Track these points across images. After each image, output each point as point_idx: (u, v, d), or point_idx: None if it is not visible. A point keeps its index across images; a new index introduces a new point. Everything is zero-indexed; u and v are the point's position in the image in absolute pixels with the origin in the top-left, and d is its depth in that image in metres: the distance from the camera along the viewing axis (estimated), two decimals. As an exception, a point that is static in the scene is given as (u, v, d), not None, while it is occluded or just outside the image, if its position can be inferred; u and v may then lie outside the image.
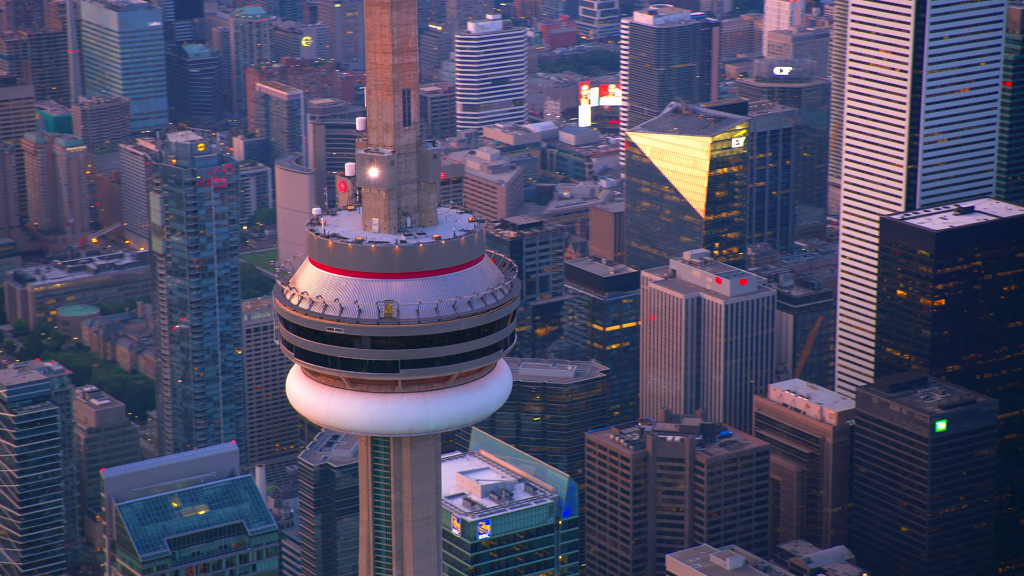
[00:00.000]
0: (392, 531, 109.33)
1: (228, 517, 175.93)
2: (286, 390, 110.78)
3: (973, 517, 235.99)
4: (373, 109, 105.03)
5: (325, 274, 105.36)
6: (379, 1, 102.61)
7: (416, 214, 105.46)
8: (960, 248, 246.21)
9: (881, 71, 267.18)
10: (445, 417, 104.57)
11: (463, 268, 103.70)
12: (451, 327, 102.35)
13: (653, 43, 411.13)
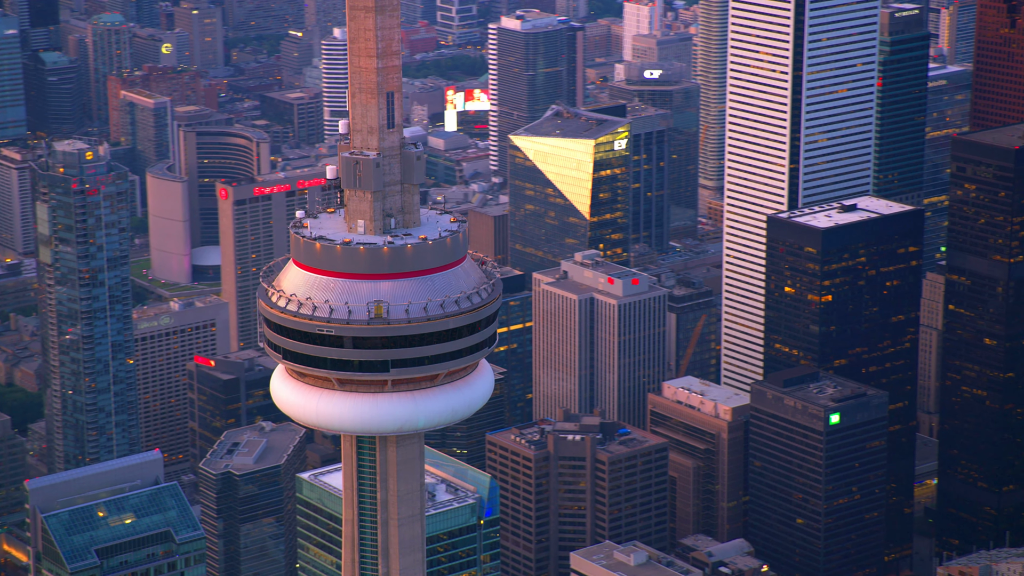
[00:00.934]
0: (378, 529, 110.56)
1: (155, 525, 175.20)
2: (271, 392, 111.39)
3: (865, 507, 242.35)
4: (357, 112, 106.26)
5: (312, 276, 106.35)
6: (363, 5, 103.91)
7: (400, 215, 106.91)
8: (845, 245, 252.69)
9: (762, 73, 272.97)
10: (434, 415, 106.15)
11: (448, 268, 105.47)
12: (440, 326, 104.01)
13: (521, 48, 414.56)
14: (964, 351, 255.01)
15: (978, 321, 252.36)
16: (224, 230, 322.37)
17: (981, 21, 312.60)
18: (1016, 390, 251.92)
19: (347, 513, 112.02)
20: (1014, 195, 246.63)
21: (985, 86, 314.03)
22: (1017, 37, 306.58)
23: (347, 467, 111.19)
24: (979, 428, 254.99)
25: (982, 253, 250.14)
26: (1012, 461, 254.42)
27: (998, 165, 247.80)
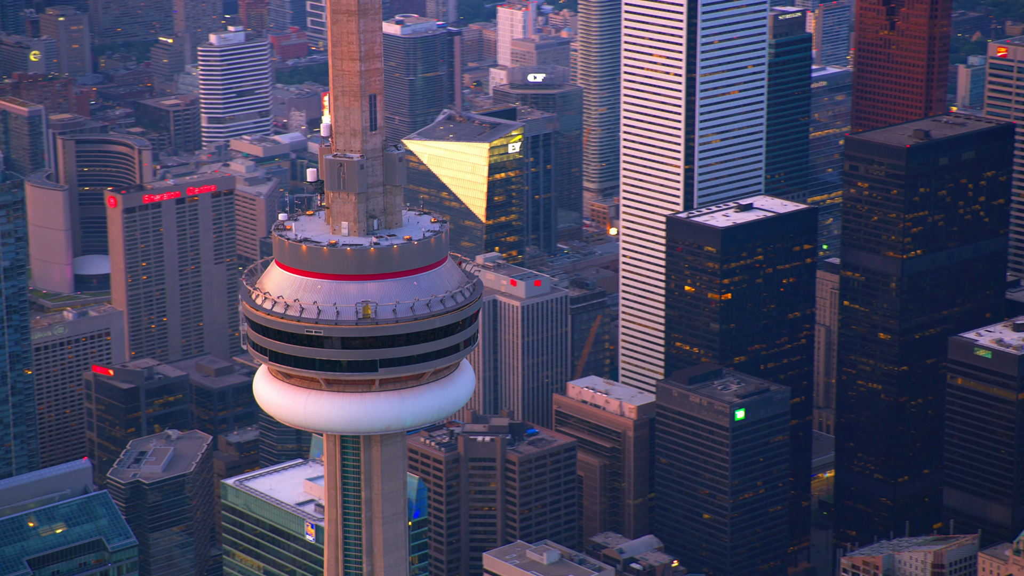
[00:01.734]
0: (362, 528, 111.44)
1: (87, 534, 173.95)
2: (255, 394, 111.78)
3: (770, 501, 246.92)
4: (340, 115, 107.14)
5: (298, 278, 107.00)
6: (346, 9, 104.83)
7: (383, 216, 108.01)
8: (743, 244, 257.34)
9: (656, 75, 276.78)
10: (421, 414, 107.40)
11: (432, 268, 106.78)
12: (427, 325, 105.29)
13: (402, 52, 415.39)
14: (859, 346, 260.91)
15: (872, 316, 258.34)
16: (113, 239, 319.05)
17: (861, 23, 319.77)
18: (910, 383, 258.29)
19: (331, 512, 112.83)
20: (906, 193, 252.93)
21: (866, 87, 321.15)
22: (896, 39, 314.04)
23: (330, 467, 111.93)
24: (874, 421, 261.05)
25: (875, 250, 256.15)
26: (906, 453, 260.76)
27: (890, 163, 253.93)
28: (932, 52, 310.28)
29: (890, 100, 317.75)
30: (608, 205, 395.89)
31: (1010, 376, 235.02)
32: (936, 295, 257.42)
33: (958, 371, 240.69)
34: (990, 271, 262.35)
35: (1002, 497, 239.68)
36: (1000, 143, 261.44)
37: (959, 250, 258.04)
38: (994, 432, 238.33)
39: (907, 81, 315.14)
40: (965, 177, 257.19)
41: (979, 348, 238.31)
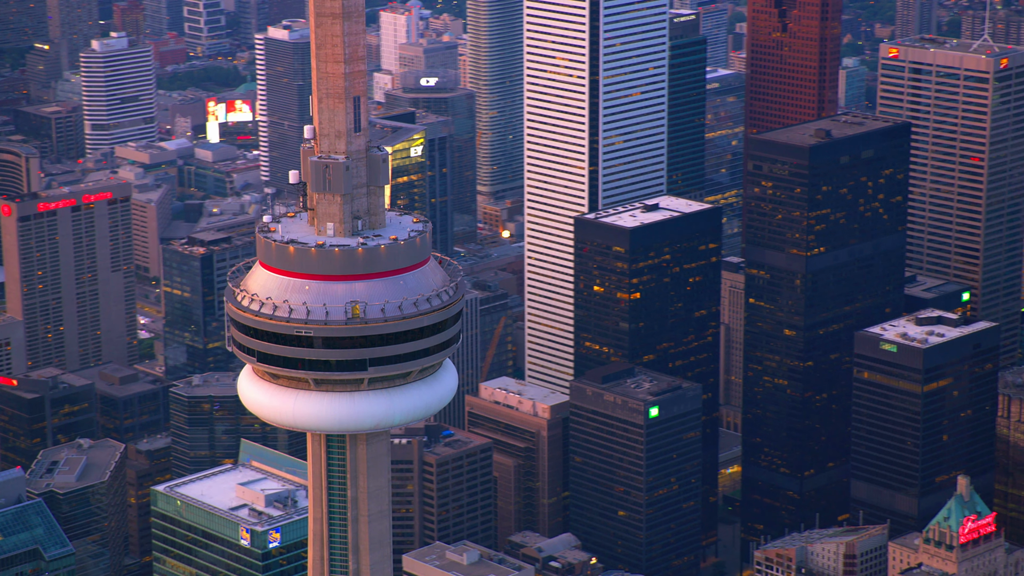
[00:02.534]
0: (348, 526, 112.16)
1: (23, 543, 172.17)
2: (240, 395, 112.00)
3: (683, 497, 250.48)
4: (324, 117, 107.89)
5: (285, 279, 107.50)
6: (330, 12, 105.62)
7: (367, 217, 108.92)
8: (651, 243, 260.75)
9: (559, 78, 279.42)
10: (409, 411, 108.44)
11: (418, 267, 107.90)
12: (415, 324, 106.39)
13: (290, 57, 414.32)
14: (765, 343, 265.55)
15: (777, 313, 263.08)
16: (8, 247, 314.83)
17: (753, 25, 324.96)
18: (815, 378, 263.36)
19: (315, 511, 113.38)
20: (809, 191, 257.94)
21: (759, 88, 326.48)
22: (788, 41, 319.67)
23: (314, 466, 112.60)
24: (780, 416, 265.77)
25: (780, 248, 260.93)
26: (812, 447, 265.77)
27: (793, 163, 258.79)
28: (823, 54, 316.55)
29: (783, 101, 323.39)
30: (501, 208, 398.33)
31: (915, 369, 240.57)
32: (839, 291, 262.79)
33: (864, 365, 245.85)
34: (889, 267, 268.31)
35: (908, 488, 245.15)
36: (897, 141, 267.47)
37: (860, 247, 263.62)
38: (900, 424, 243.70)
39: (799, 82, 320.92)
40: (865, 175, 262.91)
41: (884, 342, 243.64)
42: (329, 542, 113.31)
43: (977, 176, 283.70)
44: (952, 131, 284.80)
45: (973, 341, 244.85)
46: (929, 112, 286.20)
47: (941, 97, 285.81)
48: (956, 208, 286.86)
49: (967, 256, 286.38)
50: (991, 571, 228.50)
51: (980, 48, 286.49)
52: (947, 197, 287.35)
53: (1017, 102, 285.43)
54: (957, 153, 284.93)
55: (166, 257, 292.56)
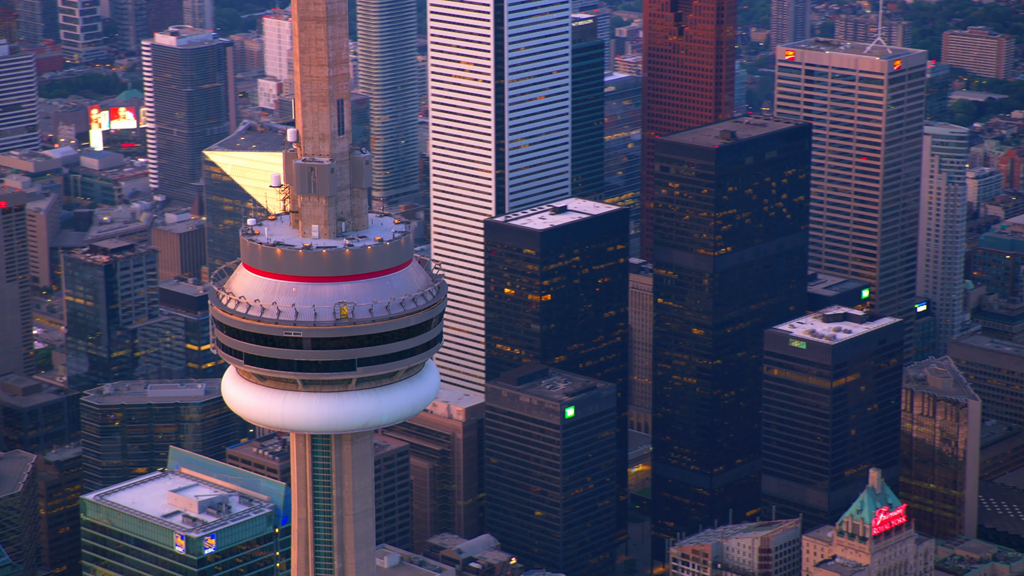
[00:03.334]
0: (333, 526, 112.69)
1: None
2: (225, 397, 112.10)
3: (598, 496, 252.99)
4: (308, 120, 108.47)
5: (272, 281, 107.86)
6: (314, 16, 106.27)
7: (350, 218, 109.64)
8: (561, 245, 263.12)
9: (464, 82, 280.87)
10: (396, 411, 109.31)
11: (402, 268, 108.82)
12: (402, 323, 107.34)
13: (178, 64, 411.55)
14: (673, 342, 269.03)
15: (686, 313, 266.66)
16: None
17: (650, 29, 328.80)
18: (724, 376, 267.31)
19: (300, 512, 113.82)
20: (716, 192, 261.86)
21: (656, 91, 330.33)
22: (685, 44, 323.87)
23: (299, 466, 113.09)
24: (690, 414, 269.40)
25: (688, 248, 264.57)
26: (722, 444, 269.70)
27: (700, 164, 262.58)
28: (719, 57, 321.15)
29: (680, 104, 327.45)
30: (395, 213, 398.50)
31: (824, 365, 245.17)
32: (745, 290, 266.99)
33: (774, 362, 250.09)
34: (793, 266, 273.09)
35: (819, 482, 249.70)
36: (799, 142, 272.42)
37: (765, 246, 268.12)
38: (810, 420, 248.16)
39: (696, 85, 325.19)
40: (769, 176, 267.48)
41: (794, 339, 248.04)
42: (314, 542, 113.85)
43: (873, 175, 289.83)
44: (848, 132, 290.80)
45: (878, 337, 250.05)
46: (825, 113, 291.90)
47: (837, 98, 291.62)
48: (853, 207, 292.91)
49: (864, 254, 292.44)
50: (902, 561, 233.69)
51: (874, 50, 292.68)
52: (844, 196, 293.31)
53: (911, 103, 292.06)
54: (853, 153, 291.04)
55: (67, 266, 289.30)
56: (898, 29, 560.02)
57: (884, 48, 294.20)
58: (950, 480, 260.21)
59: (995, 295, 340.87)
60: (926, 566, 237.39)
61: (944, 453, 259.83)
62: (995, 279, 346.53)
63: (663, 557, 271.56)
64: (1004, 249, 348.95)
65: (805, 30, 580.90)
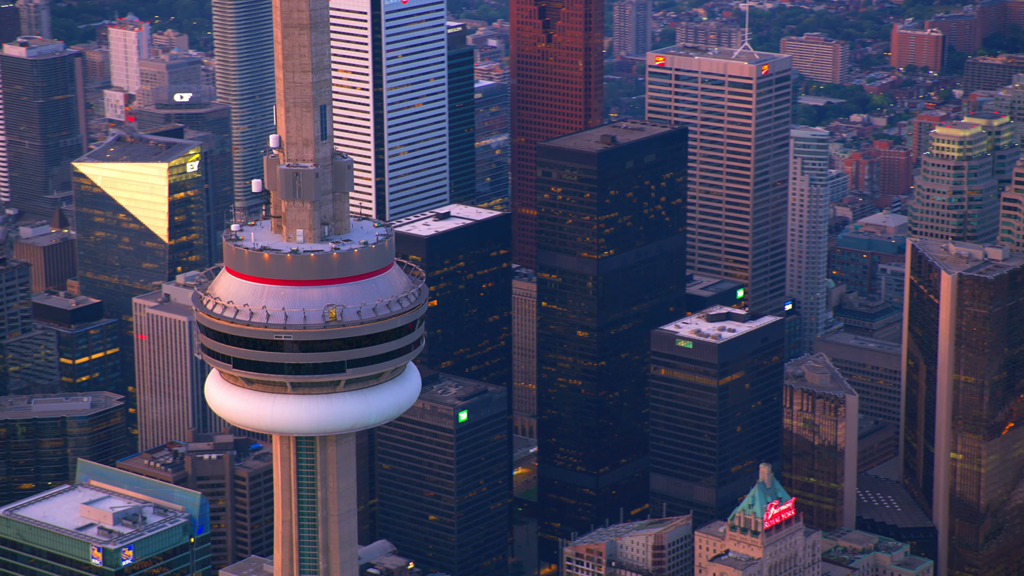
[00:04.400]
0: (318, 526, 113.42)
1: None
2: (210, 402, 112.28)
3: (491, 498, 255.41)
4: (292, 125, 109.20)
5: (259, 285, 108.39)
6: (298, 23, 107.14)
7: (333, 223, 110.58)
8: (447, 251, 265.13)
9: (342, 90, 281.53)
10: (384, 411, 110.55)
11: (386, 270, 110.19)
12: (390, 325, 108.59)
13: (28, 75, 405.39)
14: (558, 345, 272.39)
15: (570, 315, 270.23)
16: None
17: (519, 36, 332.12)
18: (608, 377, 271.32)
19: (284, 514, 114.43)
20: (599, 195, 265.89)
21: (525, 98, 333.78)
22: (554, 51, 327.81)
23: (283, 469, 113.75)
24: (575, 416, 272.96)
25: (571, 251, 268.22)
26: (607, 444, 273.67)
27: (582, 168, 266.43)
28: (588, 63, 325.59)
29: (550, 110, 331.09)
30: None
31: (711, 364, 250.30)
32: (628, 292, 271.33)
33: (661, 362, 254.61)
34: (672, 267, 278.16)
35: (707, 479, 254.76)
36: (676, 146, 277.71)
37: (645, 248, 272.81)
38: (697, 418, 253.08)
39: (566, 92, 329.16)
40: (648, 179, 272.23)
41: (680, 339, 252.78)
42: (299, 543, 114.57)
43: (744, 178, 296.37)
44: (719, 135, 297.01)
45: (761, 335, 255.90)
46: (696, 117, 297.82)
47: (707, 103, 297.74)
48: (725, 209, 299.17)
49: (737, 255, 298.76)
50: (792, 554, 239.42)
51: (742, 55, 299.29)
52: (716, 199, 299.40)
53: (778, 106, 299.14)
54: (724, 156, 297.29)
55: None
56: (737, 36, 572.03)
57: (751, 53, 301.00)
58: (829, 473, 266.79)
59: (855, 293, 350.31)
60: (814, 558, 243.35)
61: (823, 447, 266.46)
62: (854, 278, 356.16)
63: (550, 558, 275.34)
64: (861, 248, 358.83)
65: (647, 37, 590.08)
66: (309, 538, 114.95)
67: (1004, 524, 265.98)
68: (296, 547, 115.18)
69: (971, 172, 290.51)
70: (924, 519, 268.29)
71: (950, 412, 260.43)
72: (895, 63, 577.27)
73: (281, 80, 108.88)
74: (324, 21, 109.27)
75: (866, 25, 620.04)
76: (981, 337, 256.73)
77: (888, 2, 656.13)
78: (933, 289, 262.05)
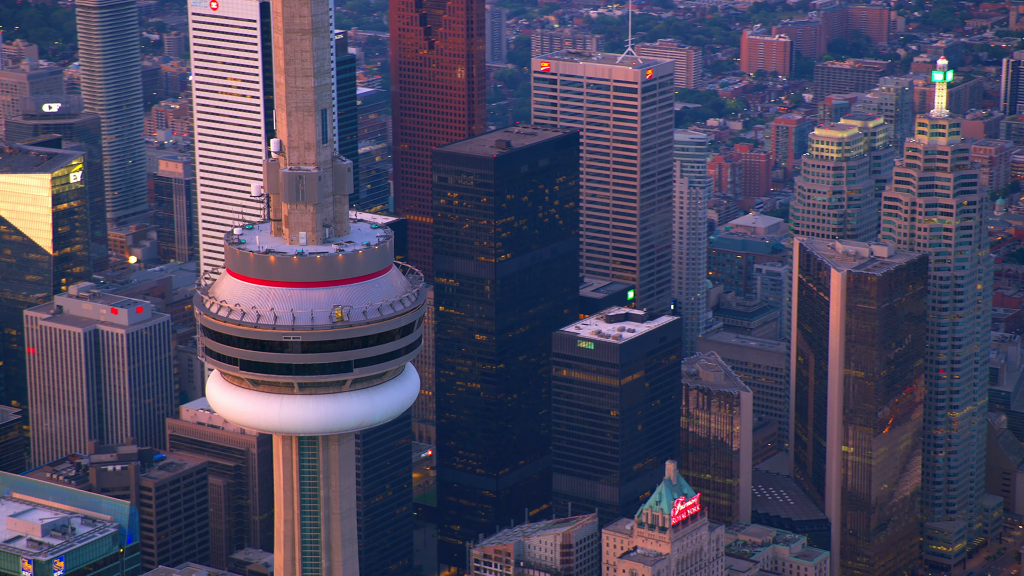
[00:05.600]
0: (320, 525, 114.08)
1: None
2: (213, 404, 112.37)
3: (396, 503, 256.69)
4: (294, 129, 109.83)
5: (266, 288, 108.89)
6: (299, 29, 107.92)
7: (334, 224, 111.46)
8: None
9: (231, 99, 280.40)
10: (388, 409, 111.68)
11: (387, 271, 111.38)
12: (394, 324, 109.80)
13: None
14: (456, 349, 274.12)
15: (468, 319, 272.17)
16: None
17: (400, 43, 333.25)
18: (507, 380, 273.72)
19: (286, 513, 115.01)
20: (495, 200, 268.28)
21: (407, 105, 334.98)
22: (436, 57, 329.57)
23: (285, 469, 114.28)
24: (474, 419, 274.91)
25: (468, 256, 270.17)
26: (507, 446, 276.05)
27: (478, 173, 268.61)
28: (471, 69, 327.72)
29: (432, 116, 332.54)
30: (126, 234, 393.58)
31: (612, 364, 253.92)
32: (525, 295, 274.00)
33: (562, 363, 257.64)
34: (566, 270, 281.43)
35: (610, 477, 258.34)
36: (568, 150, 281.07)
37: (540, 252, 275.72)
38: (599, 418, 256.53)
39: (448, 98, 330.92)
40: (542, 183, 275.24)
41: (582, 340, 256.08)
42: (301, 542, 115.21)
43: (631, 181, 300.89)
44: (605, 139, 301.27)
45: (659, 335, 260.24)
46: (581, 122, 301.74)
47: (593, 108, 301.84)
48: (612, 212, 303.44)
49: (624, 257, 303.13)
50: (698, 548, 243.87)
51: (626, 60, 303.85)
52: (603, 202, 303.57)
53: (661, 110, 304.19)
54: (611, 160, 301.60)
55: None
56: (592, 42, 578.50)
57: (635, 58, 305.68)
58: (725, 469, 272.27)
59: (731, 293, 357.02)
60: (718, 552, 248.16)
61: (719, 444, 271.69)
62: (729, 278, 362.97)
63: (450, 561, 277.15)
64: (736, 249, 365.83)
65: (502, 44, 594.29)
66: (311, 536, 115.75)
67: (892, 515, 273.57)
68: (299, 546, 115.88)
69: (850, 172, 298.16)
70: (817, 511, 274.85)
71: (841, 406, 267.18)
72: (745, 68, 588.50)
73: (282, 85, 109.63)
74: (324, 26, 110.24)
75: (715, 31, 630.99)
76: (870, 332, 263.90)
77: (733, 8, 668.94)
78: (823, 287, 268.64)
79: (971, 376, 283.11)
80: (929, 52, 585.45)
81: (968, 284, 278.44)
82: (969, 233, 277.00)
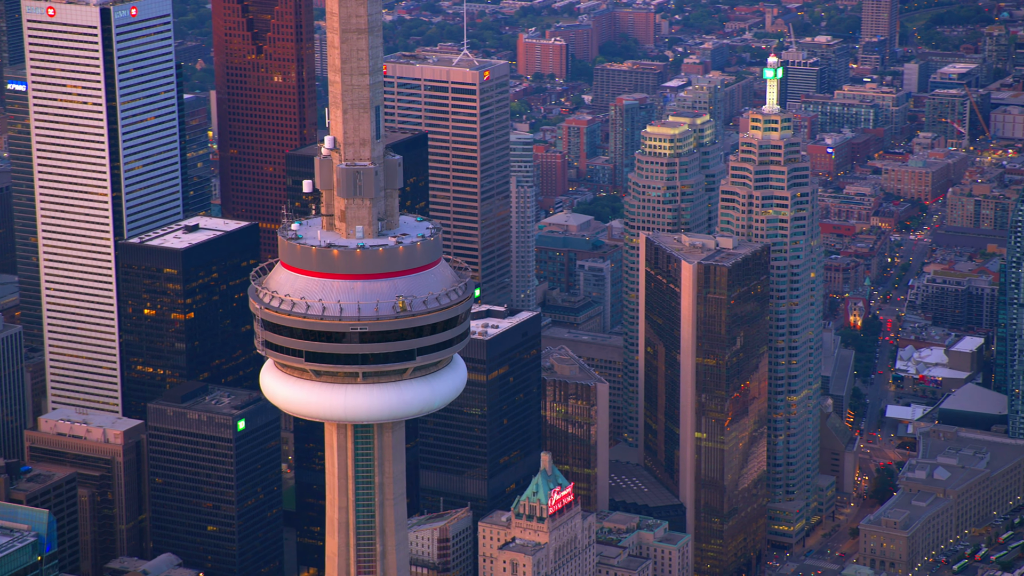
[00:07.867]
0: (375, 511, 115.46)
1: None
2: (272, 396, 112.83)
3: (268, 505, 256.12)
4: (349, 127, 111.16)
5: (328, 281, 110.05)
6: (356, 28, 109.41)
7: (386, 218, 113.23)
8: (201, 263, 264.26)
9: (72, 105, 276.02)
10: (446, 395, 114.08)
11: (439, 262, 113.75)
12: (452, 312, 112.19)
13: None
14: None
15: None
16: None
17: (227, 48, 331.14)
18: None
19: (340, 500, 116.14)
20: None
21: (236, 110, 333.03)
22: (265, 62, 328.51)
23: (339, 457, 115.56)
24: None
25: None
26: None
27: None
28: (301, 74, 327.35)
29: (263, 122, 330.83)
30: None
31: (480, 360, 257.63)
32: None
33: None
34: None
35: (479, 471, 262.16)
36: (417, 151, 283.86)
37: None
38: (468, 413, 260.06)
39: (278, 103, 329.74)
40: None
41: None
42: (356, 528, 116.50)
43: (471, 181, 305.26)
44: (444, 141, 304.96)
45: (521, 330, 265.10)
46: (420, 124, 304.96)
47: (432, 109, 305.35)
48: (453, 211, 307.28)
49: (467, 256, 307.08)
50: (572, 537, 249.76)
51: (463, 62, 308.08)
52: (444, 202, 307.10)
53: (499, 110, 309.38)
54: (451, 160, 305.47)
55: None
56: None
57: (471, 60, 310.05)
58: (584, 459, 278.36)
59: (556, 289, 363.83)
60: (590, 539, 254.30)
61: (577, 435, 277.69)
62: (553, 275, 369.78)
63: (310, 562, 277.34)
64: (557, 247, 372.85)
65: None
66: (365, 522, 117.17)
67: (740, 499, 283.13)
68: (353, 532, 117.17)
69: (682, 168, 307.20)
70: (671, 497, 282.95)
71: (694, 394, 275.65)
72: (522, 71, 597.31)
73: (337, 84, 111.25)
74: (378, 26, 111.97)
75: (487, 35, 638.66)
76: (720, 322, 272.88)
77: (500, 13, 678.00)
78: (673, 279, 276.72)
79: (806, 362, 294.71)
80: (697, 54, 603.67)
81: (803, 272, 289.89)
82: (803, 224, 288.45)
